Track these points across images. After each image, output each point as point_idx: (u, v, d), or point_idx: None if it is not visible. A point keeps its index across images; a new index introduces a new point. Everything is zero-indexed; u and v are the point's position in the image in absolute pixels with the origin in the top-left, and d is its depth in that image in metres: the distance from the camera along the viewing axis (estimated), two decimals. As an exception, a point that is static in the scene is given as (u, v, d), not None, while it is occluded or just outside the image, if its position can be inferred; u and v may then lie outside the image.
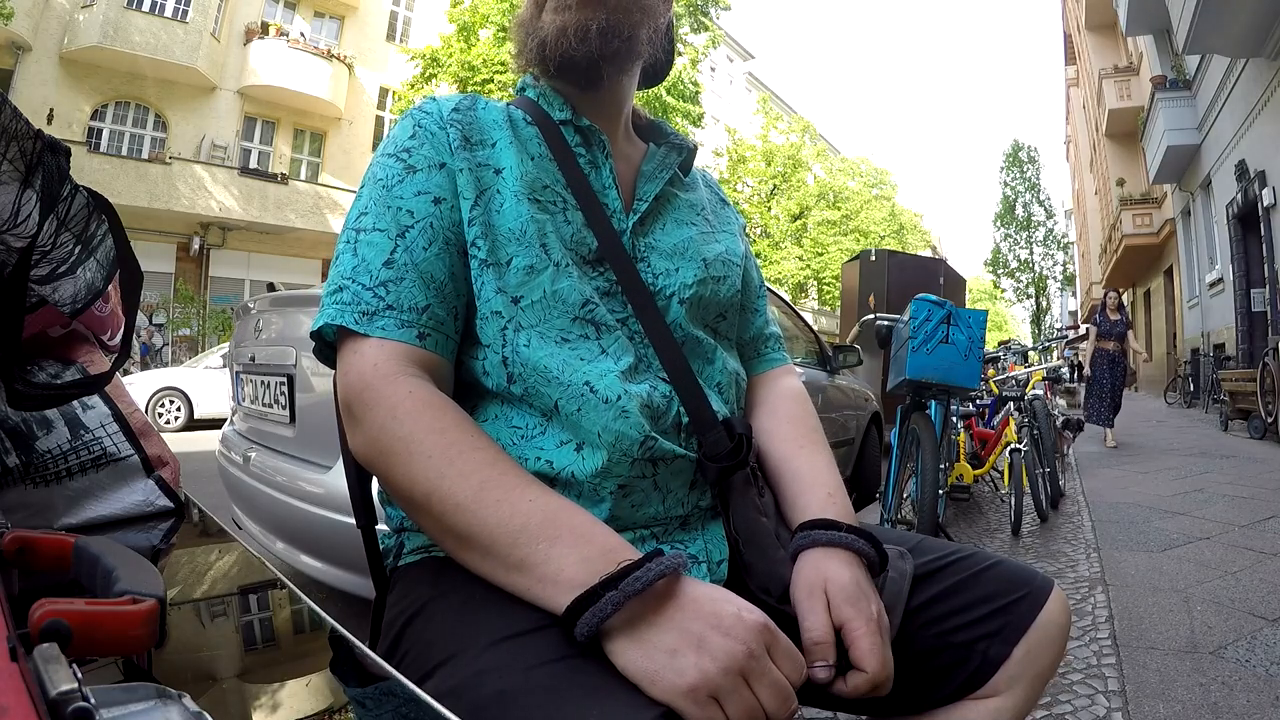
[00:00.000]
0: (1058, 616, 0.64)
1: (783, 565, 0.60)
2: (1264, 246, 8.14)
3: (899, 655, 0.59)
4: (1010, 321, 45.83)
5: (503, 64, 11.56)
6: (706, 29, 14.05)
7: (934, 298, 2.37)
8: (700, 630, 0.45)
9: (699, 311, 0.69)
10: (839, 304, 10.55)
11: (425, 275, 0.59)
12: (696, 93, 13.85)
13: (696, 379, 0.64)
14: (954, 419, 3.05)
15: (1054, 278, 29.61)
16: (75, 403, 0.69)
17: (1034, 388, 4.04)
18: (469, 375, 0.62)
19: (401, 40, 16.42)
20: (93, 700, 0.23)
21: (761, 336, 0.82)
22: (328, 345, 0.62)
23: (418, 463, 0.53)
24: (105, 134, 13.16)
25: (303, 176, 15.37)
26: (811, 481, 0.67)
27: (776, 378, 0.80)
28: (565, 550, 0.49)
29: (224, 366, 6.64)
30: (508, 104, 0.71)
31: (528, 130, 0.68)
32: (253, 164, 14.74)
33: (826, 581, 0.56)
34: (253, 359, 2.05)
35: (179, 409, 8.60)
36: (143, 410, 1.11)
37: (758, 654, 0.45)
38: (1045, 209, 28.93)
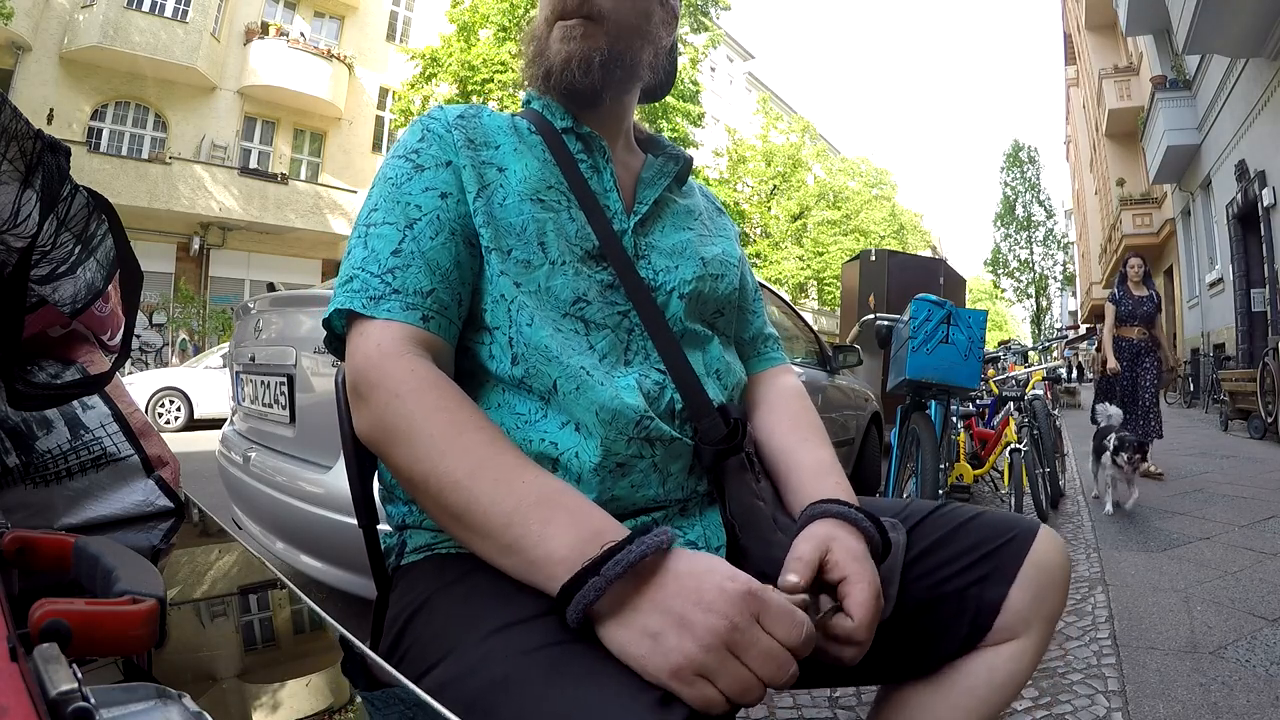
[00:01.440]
0: (1053, 555, 0.65)
1: (780, 549, 0.60)
2: (1264, 246, 8.14)
3: (895, 616, 0.60)
4: (1010, 321, 45.85)
5: (503, 64, 11.56)
6: (706, 29, 14.05)
7: (934, 298, 2.37)
8: (681, 609, 0.45)
9: (697, 306, 0.71)
10: (839, 304, 10.55)
11: (431, 262, 0.61)
12: (696, 93, 13.85)
13: (692, 368, 0.66)
14: (954, 419, 3.05)
15: (1054, 278, 29.62)
16: (75, 403, 0.69)
17: (1034, 388, 4.04)
18: (475, 362, 0.64)
19: (401, 40, 16.42)
20: (93, 700, 0.23)
21: (760, 336, 0.84)
22: (337, 339, 0.64)
23: (420, 441, 0.54)
24: (105, 134, 13.16)
25: (303, 176, 15.37)
26: (815, 471, 0.68)
27: (775, 376, 0.82)
28: (557, 532, 0.49)
29: (224, 366, 6.64)
30: (513, 115, 0.75)
31: (532, 138, 0.71)
32: (253, 164, 14.73)
33: (833, 540, 0.56)
34: (253, 359, 2.04)
35: (179, 409, 8.60)
36: (143, 410, 1.11)
37: (742, 625, 0.44)
38: (1045, 209, 28.93)
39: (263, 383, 2.00)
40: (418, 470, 0.54)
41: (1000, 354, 4.59)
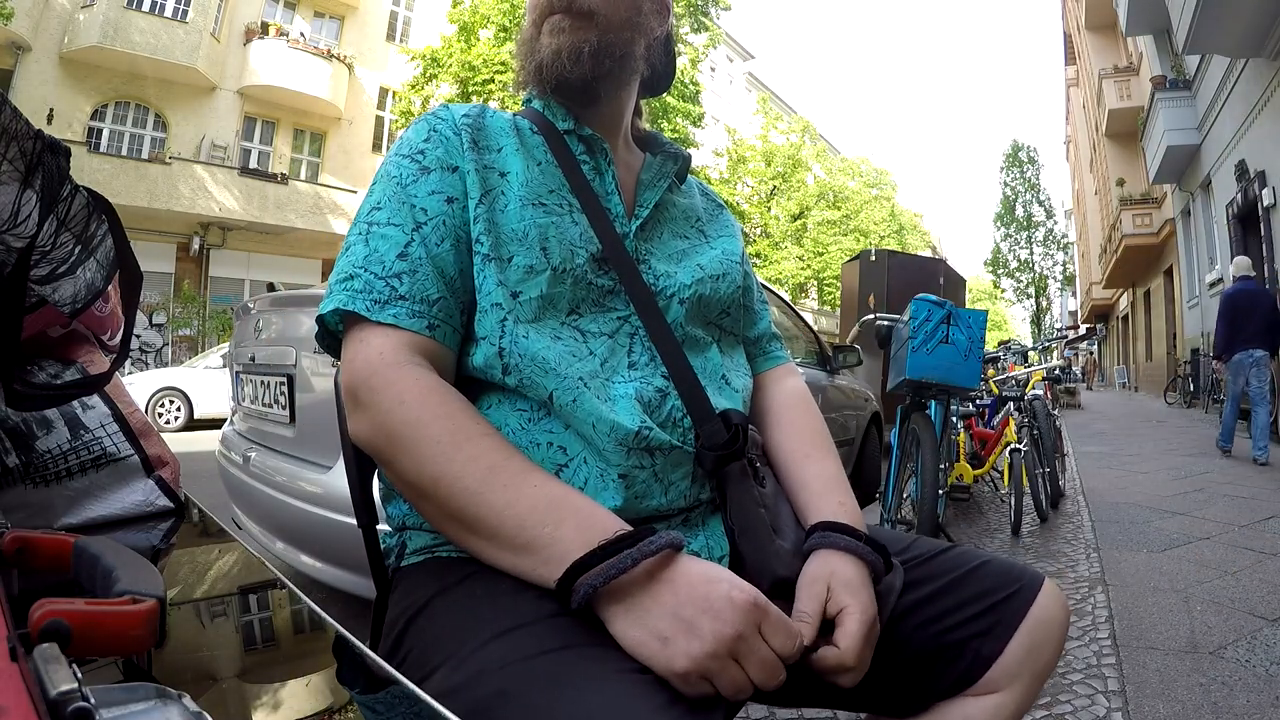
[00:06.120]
0: (1054, 613, 0.65)
1: (775, 557, 0.60)
2: (1264, 246, 8.14)
3: (894, 656, 0.61)
4: (1010, 321, 45.83)
5: (503, 64, 11.55)
6: (706, 29, 14.04)
7: (934, 298, 2.37)
8: (691, 615, 0.47)
9: (700, 310, 0.71)
10: (839, 304, 10.55)
11: (439, 269, 0.61)
12: (696, 93, 13.85)
13: (695, 374, 0.65)
14: (954, 419, 3.04)
15: (1054, 278, 29.58)
16: (75, 403, 0.69)
17: (1034, 388, 4.04)
18: (465, 370, 0.63)
19: (401, 40, 16.40)
20: (93, 700, 0.23)
21: (766, 335, 0.85)
22: (330, 335, 0.63)
23: (426, 447, 0.54)
24: (105, 134, 13.14)
25: (303, 176, 15.35)
26: (822, 490, 0.69)
27: (780, 379, 0.82)
28: (570, 533, 0.51)
29: (224, 366, 6.64)
30: (514, 114, 0.74)
31: (533, 139, 0.71)
32: (253, 164, 14.71)
33: (832, 574, 0.58)
34: (253, 359, 2.04)
35: (179, 409, 8.60)
36: (143, 410, 1.11)
37: (746, 635, 0.47)
38: (1045, 209, 28.88)
39: (263, 383, 2.00)
40: (425, 475, 0.54)
41: (1000, 354, 4.58)
